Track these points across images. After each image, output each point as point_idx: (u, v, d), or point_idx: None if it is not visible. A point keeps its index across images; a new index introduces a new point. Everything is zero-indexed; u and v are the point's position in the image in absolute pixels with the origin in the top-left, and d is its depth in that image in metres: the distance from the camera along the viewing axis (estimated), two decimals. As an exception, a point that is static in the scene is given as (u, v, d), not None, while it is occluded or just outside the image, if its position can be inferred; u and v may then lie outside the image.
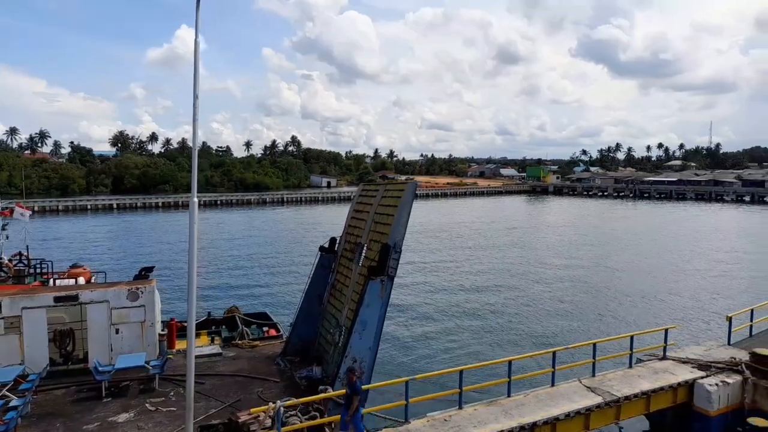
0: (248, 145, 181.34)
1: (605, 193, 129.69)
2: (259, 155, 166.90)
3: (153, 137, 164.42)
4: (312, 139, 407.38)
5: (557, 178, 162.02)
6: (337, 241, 15.92)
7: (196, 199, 8.76)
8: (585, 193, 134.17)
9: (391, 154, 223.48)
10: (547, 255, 42.27)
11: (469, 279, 33.01)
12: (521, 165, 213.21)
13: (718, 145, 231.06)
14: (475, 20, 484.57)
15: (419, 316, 24.64)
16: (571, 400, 11.36)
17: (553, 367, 11.92)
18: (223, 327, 18.38)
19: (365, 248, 13.51)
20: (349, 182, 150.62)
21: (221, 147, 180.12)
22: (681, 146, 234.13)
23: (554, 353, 11.98)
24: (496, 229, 60.88)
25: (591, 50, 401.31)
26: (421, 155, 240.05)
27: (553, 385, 11.98)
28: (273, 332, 17.74)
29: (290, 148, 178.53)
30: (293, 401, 9.63)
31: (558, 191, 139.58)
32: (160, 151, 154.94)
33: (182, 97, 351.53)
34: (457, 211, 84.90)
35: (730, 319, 15.30)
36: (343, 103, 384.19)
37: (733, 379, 12.74)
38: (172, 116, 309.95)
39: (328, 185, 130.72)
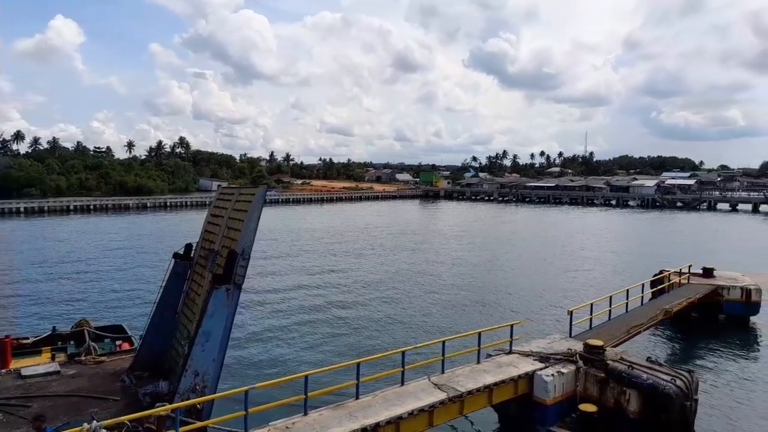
0: (130, 145, 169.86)
1: (491, 198, 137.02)
2: (144, 157, 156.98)
3: (18, 136, 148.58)
4: (205, 141, 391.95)
5: (448, 183, 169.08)
6: (194, 248, 15.24)
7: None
8: (473, 197, 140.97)
9: (287, 157, 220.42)
10: (418, 258, 43.61)
11: (331, 283, 33.05)
12: (417, 170, 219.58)
13: (591, 154, 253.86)
14: (374, 27, 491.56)
15: (268, 322, 24.20)
16: (417, 398, 11.65)
17: (403, 366, 12.17)
18: (71, 342, 16.87)
19: (218, 255, 13.03)
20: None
21: (99, 147, 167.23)
22: (560, 154, 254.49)
23: (403, 353, 12.24)
24: (378, 231, 61.92)
25: (482, 61, 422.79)
26: (320, 159, 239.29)
27: (402, 384, 12.23)
28: (126, 346, 16.62)
29: (178, 150, 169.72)
30: (112, 420, 8.95)
31: (448, 196, 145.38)
32: (27, 151, 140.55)
33: (58, 92, 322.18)
34: (349, 216, 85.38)
35: (571, 313, 16.61)
36: (239, 103, 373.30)
37: (568, 369, 13.79)
38: (46, 113, 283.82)
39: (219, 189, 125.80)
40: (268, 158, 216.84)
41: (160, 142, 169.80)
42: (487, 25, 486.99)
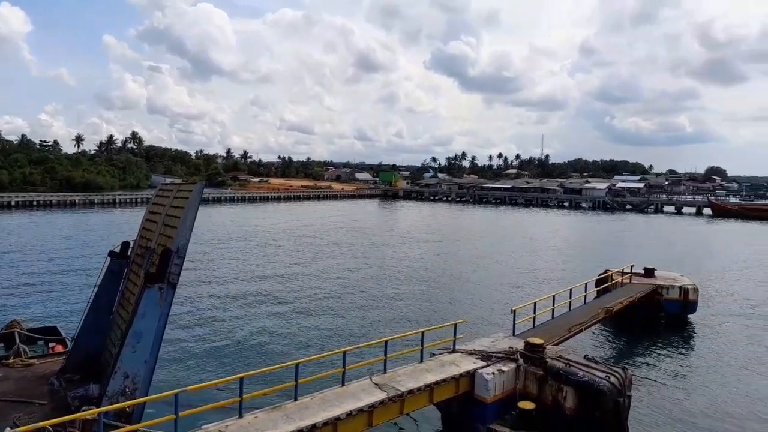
0: (79, 139, 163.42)
1: (449, 198, 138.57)
2: (93, 152, 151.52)
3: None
4: (160, 136, 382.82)
5: (407, 183, 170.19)
6: (131, 246, 14.73)
7: None
8: (431, 197, 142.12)
9: (245, 154, 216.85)
10: (369, 257, 43.62)
11: (275, 281, 32.60)
12: (377, 170, 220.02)
13: (547, 157, 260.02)
14: (336, 26, 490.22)
15: (205, 322, 23.60)
16: (357, 398, 11.56)
17: (344, 367, 12.06)
18: (0, 345, 16.13)
19: (154, 253, 12.60)
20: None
21: (46, 141, 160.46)
22: (517, 156, 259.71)
23: (344, 353, 12.13)
24: (331, 230, 61.68)
25: (443, 64, 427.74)
26: (279, 157, 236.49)
27: (343, 385, 12.12)
28: (60, 348, 15.98)
29: (130, 145, 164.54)
30: (32, 426, 8.52)
31: (407, 195, 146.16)
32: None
33: (3, 83, 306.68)
34: (305, 214, 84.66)
35: (514, 312, 16.87)
36: (196, 99, 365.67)
37: (509, 367, 13.97)
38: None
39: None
40: (224, 155, 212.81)
41: (110, 137, 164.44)
42: (448, 28, 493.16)
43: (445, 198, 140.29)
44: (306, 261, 40.39)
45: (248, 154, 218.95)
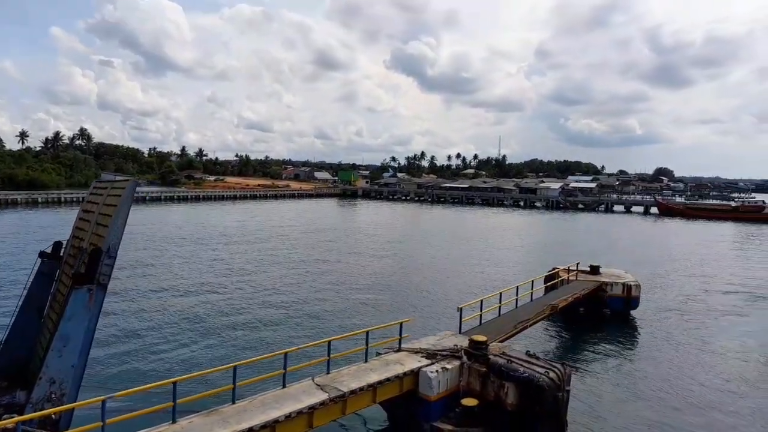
0: (23, 136, 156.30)
1: (408, 197, 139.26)
2: (38, 148, 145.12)
3: None
4: (112, 133, 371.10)
5: (366, 182, 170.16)
6: (63, 246, 14.11)
7: None
8: (390, 197, 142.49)
9: (200, 152, 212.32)
10: (320, 256, 43.36)
11: (221, 280, 32.00)
12: (337, 169, 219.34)
13: (504, 157, 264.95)
14: (295, 23, 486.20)
15: (142, 326, 22.58)
16: (297, 400, 11.42)
17: (285, 368, 11.89)
18: None
19: (86, 253, 12.10)
20: (151, 181, 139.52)
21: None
22: (475, 156, 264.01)
23: (286, 354, 11.96)
24: (283, 230, 61.09)
25: (403, 63, 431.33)
26: (237, 155, 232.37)
27: (284, 386, 11.94)
28: (-10, 354, 15.12)
29: (78, 142, 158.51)
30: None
31: (366, 195, 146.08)
32: None
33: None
34: (258, 214, 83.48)
35: (460, 310, 17.05)
36: (150, 95, 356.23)
37: (453, 364, 14.08)
38: None
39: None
40: (179, 153, 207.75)
41: (57, 133, 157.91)
42: (408, 28, 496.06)
43: (403, 197, 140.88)
44: (254, 260, 39.73)
45: (204, 152, 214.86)
